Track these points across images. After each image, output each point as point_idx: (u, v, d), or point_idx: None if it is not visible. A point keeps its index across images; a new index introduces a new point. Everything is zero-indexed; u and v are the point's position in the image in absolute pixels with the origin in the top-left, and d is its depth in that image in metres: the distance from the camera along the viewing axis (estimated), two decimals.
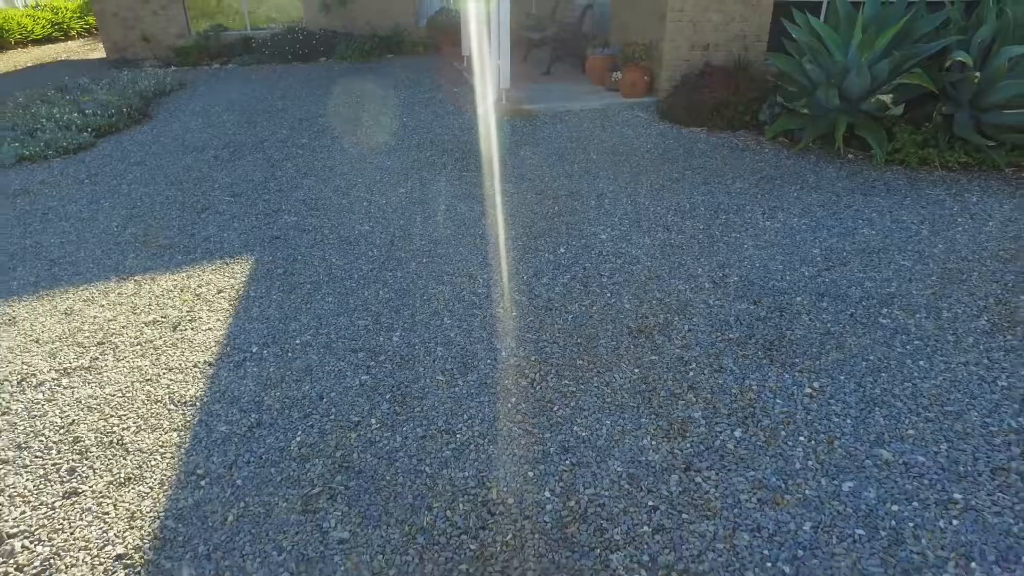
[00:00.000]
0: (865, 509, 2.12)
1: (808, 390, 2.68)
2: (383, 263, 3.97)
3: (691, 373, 2.81)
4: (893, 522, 2.06)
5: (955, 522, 2.05)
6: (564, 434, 2.50)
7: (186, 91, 9.20)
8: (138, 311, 3.57)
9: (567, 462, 2.36)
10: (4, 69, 11.97)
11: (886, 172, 5.24)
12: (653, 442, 2.43)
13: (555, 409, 2.63)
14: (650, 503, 2.17)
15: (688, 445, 2.41)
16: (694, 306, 3.34)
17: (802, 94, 5.93)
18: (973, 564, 1.91)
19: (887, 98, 5.37)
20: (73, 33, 16.80)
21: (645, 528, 2.08)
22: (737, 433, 2.45)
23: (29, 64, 12.54)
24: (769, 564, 1.95)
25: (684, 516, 2.12)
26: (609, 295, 3.48)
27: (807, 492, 2.19)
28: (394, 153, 6.03)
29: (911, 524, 2.05)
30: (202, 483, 2.36)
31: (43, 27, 15.62)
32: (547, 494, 2.23)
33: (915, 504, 2.12)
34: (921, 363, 2.82)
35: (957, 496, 2.14)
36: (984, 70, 5.12)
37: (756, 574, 1.91)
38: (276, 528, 2.16)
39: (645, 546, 2.02)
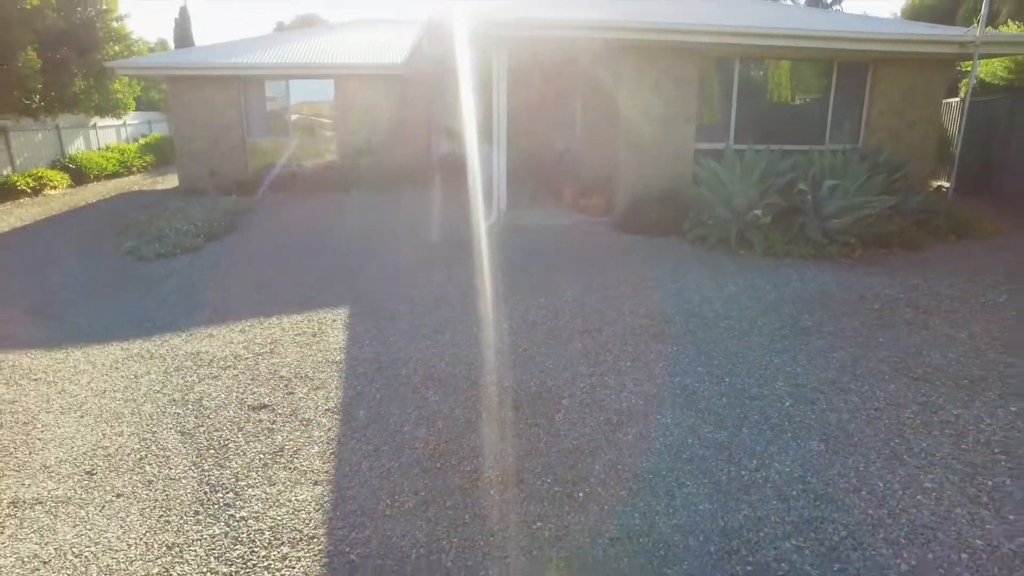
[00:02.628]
0: (676, 385, 4.47)
1: (671, 350, 5.08)
2: (432, 309, 6.40)
3: (609, 345, 5.21)
4: (687, 388, 4.42)
5: (720, 387, 4.40)
6: (540, 367, 4.86)
7: (253, 213, 11.96)
8: (286, 330, 5.94)
9: (541, 375, 4.71)
10: (94, 198, 14.86)
11: (762, 260, 7.85)
12: (584, 368, 4.79)
13: (536, 359, 5.00)
14: (581, 386, 4.51)
15: (602, 368, 4.77)
16: (617, 322, 5.77)
17: (707, 211, 8.68)
18: (723, 398, 4.25)
19: (760, 212, 8.10)
20: (135, 169, 20.06)
21: (578, 392, 4.41)
22: (628, 363, 4.83)
23: (112, 194, 15.48)
24: (627, 404, 4.27)
25: (597, 389, 4.46)
26: (569, 318, 5.92)
27: (657, 381, 4.55)
28: (425, 251, 8.63)
29: (701, 388, 4.41)
30: (357, 387, 4.67)
31: (113, 165, 18.82)
32: (532, 385, 4.56)
33: (706, 382, 4.48)
34: (734, 340, 5.24)
35: (705, 376, 4.50)
36: (815, 195, 7.90)
37: (623, 402, 4.24)
38: (401, 398, 4.46)
39: (577, 398, 4.35)
